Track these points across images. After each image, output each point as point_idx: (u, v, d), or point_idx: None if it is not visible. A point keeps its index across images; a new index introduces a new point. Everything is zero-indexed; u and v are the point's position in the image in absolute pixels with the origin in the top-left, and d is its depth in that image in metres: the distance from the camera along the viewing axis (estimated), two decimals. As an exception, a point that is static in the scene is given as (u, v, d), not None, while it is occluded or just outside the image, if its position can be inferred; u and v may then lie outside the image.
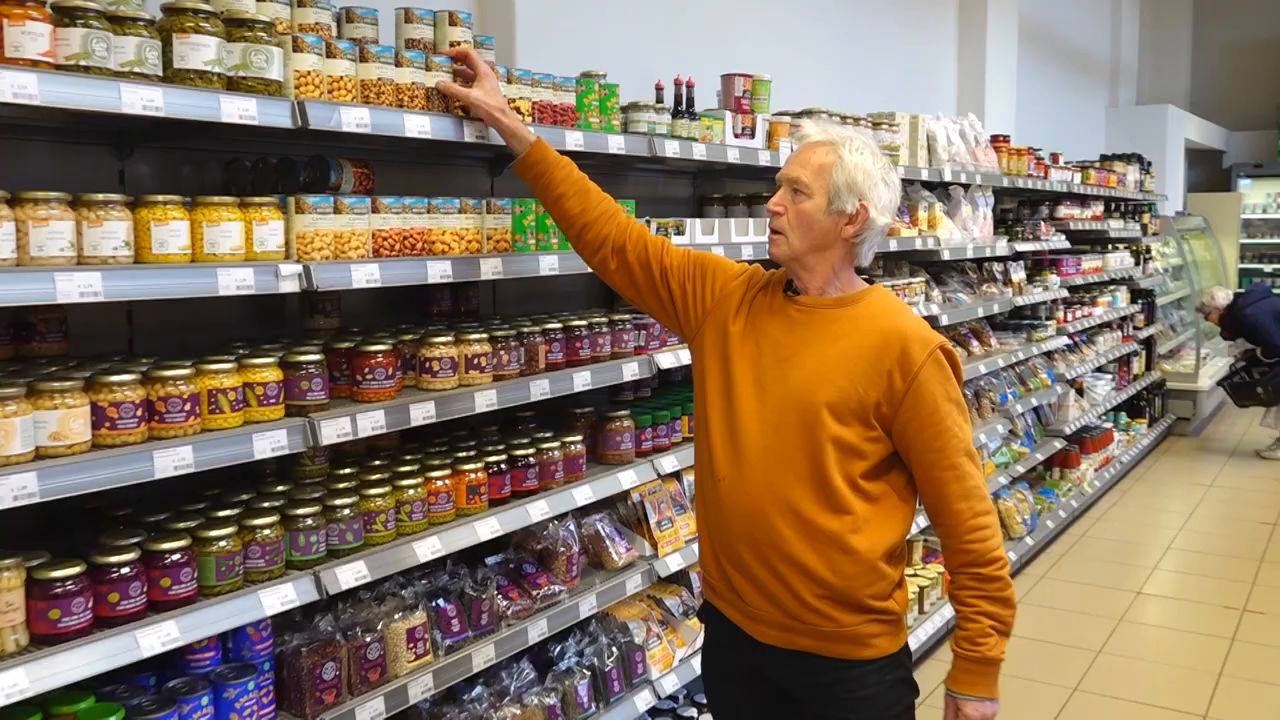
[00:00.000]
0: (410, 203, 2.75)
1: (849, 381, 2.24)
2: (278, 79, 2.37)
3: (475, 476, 2.97)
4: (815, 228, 2.30)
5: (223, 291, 2.23)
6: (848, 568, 2.26)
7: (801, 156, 2.32)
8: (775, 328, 2.37)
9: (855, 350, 2.27)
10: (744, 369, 2.36)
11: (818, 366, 2.28)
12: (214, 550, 2.35)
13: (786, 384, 2.29)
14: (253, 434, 2.33)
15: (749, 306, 2.45)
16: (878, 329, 2.28)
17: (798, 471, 2.26)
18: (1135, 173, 9.85)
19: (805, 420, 2.25)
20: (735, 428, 2.33)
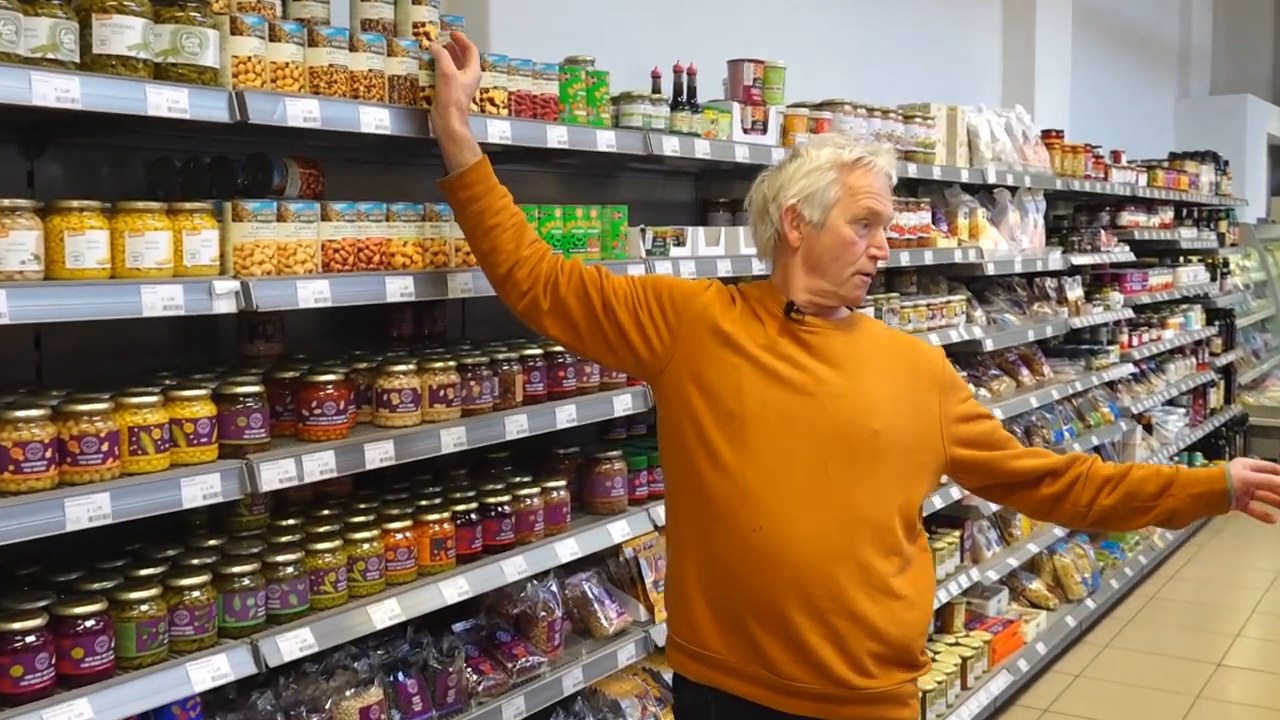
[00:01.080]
0: (366, 209, 2.76)
1: (896, 404, 2.43)
2: (213, 66, 2.39)
3: (441, 529, 2.97)
4: None
5: (147, 312, 2.24)
6: (906, 615, 2.38)
7: (886, 187, 2.52)
8: (792, 353, 2.44)
9: (889, 371, 2.48)
10: (766, 400, 2.40)
11: (860, 392, 2.42)
12: (135, 615, 2.34)
13: (829, 414, 2.38)
14: (181, 479, 2.33)
15: (744, 332, 2.49)
16: (895, 346, 2.56)
17: (854, 511, 2.35)
18: (1210, 173, 9.92)
19: (858, 453, 2.37)
20: (769, 468, 2.36)
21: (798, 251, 2.50)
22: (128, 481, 2.26)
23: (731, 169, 4.48)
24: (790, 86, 4.48)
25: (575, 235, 3.31)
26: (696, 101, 3.89)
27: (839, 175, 2.46)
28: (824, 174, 2.47)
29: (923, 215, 5.16)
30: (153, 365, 2.87)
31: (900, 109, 5.17)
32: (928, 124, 5.22)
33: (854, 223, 2.45)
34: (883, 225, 2.49)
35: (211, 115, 2.35)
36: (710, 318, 2.50)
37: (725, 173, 4.75)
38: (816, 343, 2.46)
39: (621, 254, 3.48)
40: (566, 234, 3.28)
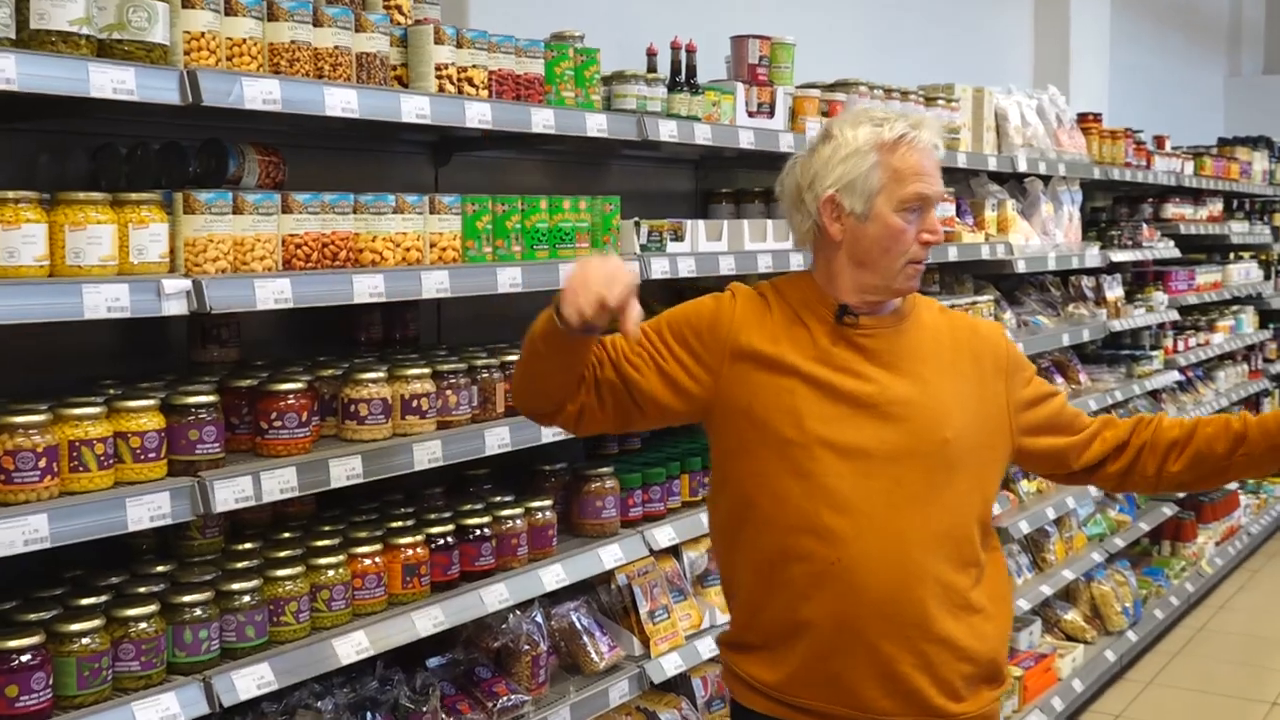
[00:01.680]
0: (332, 200, 2.77)
1: (963, 402, 2.46)
2: (162, 43, 2.40)
3: (414, 553, 2.97)
4: None
5: (89, 314, 2.24)
6: (986, 629, 2.44)
7: (936, 164, 2.48)
8: (849, 361, 2.45)
9: (952, 365, 2.50)
10: (827, 420, 2.40)
11: (927, 396, 2.43)
12: (75, 649, 2.34)
13: (897, 426, 2.40)
14: (126, 499, 2.33)
15: (790, 345, 2.46)
16: (954, 333, 2.55)
17: (933, 528, 2.39)
18: (1263, 161, 9.94)
19: (933, 465, 2.40)
20: (840, 494, 2.37)
21: (841, 246, 2.46)
22: (67, 501, 2.26)
23: (735, 156, 4.48)
24: (800, 65, 4.49)
25: (562, 229, 3.32)
26: (696, 82, 3.90)
27: (880, 158, 2.40)
28: (863, 158, 2.41)
29: (946, 207, 5.17)
30: (95, 373, 2.87)
31: (921, 90, 5.18)
32: (951, 106, 5.24)
33: (902, 210, 2.40)
34: (934, 206, 2.44)
35: (161, 97, 2.36)
36: (745, 343, 2.46)
37: (728, 160, 4.76)
38: (874, 346, 2.46)
39: (613, 249, 3.49)
40: (553, 227, 3.29)
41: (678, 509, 3.81)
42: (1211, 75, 12.91)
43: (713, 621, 3.83)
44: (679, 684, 3.85)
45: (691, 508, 3.86)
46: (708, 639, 3.77)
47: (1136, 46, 10.23)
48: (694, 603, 3.82)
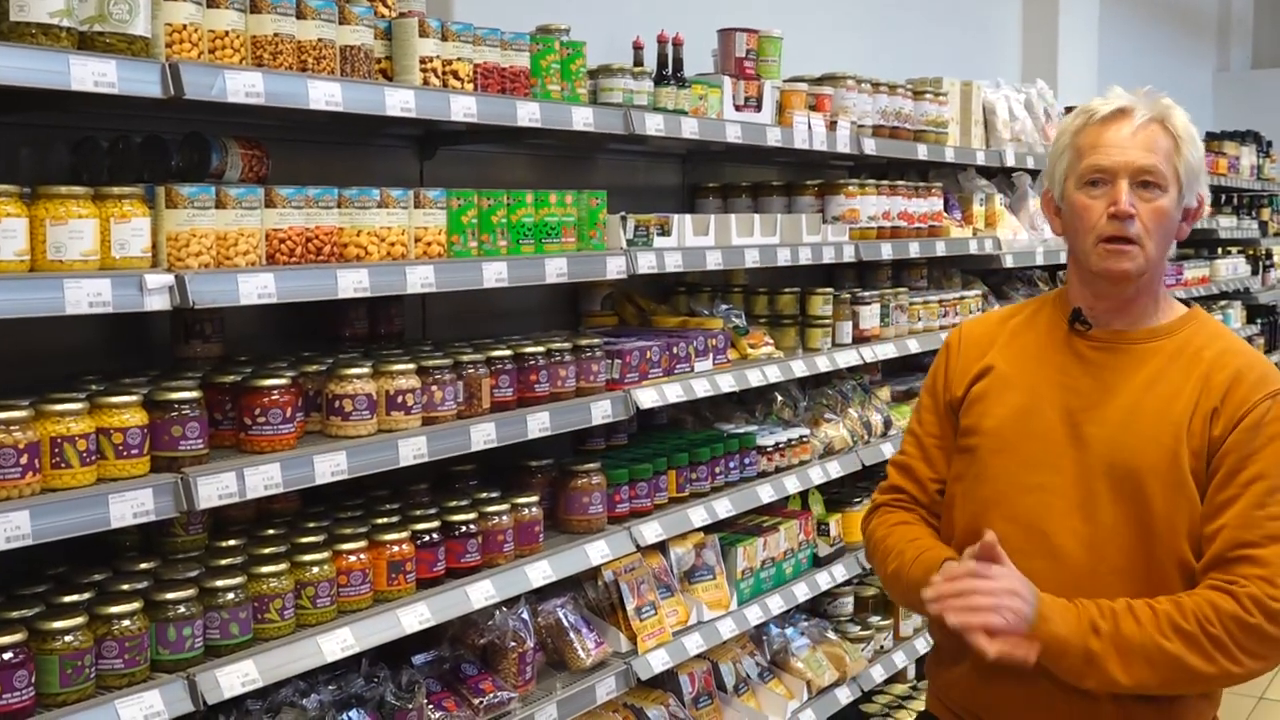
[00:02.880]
0: (315, 194, 2.76)
1: (1175, 436, 2.27)
2: (144, 35, 2.39)
3: (399, 550, 2.97)
4: (1169, 229, 2.34)
5: (71, 310, 2.24)
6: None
7: (1145, 140, 2.32)
8: (1059, 372, 2.40)
9: (1177, 392, 2.30)
10: (1016, 429, 2.38)
11: (1132, 419, 2.31)
12: (57, 647, 2.33)
13: (1091, 446, 2.32)
14: (109, 495, 2.32)
15: (1001, 347, 2.47)
16: (1203, 361, 2.32)
17: (1120, 565, 2.27)
18: (1251, 155, 9.98)
19: (1124, 493, 2.28)
20: (1018, 514, 2.34)
21: (1065, 241, 2.44)
22: (49, 498, 2.26)
23: (722, 150, 4.49)
24: (787, 59, 4.49)
25: (548, 223, 3.32)
26: (683, 75, 3.90)
27: (1071, 141, 2.37)
28: (1061, 146, 2.40)
29: (934, 202, 5.18)
30: (77, 369, 2.86)
31: (909, 84, 5.19)
32: (939, 100, 5.24)
33: (1083, 186, 2.33)
34: (1126, 178, 2.28)
35: (142, 90, 2.35)
36: (957, 399, 2.49)
37: (715, 154, 4.76)
38: (1104, 359, 2.38)
39: (599, 244, 3.49)
40: (539, 222, 3.29)
41: (664, 505, 3.81)
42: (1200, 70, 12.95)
43: (700, 618, 3.83)
44: (666, 680, 3.86)
45: (678, 504, 3.86)
46: (695, 635, 3.78)
47: (1125, 41, 10.26)
48: (681, 599, 3.82)
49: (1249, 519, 2.20)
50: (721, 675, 4.09)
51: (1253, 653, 2.18)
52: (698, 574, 3.96)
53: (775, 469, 4.30)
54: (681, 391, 3.75)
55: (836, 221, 4.63)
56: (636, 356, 3.64)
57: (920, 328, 5.13)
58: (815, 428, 4.58)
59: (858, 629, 4.79)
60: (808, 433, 4.48)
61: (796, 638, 4.48)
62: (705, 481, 3.99)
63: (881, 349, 4.83)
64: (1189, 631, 2.16)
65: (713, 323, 4.20)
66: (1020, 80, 7.73)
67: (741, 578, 4.09)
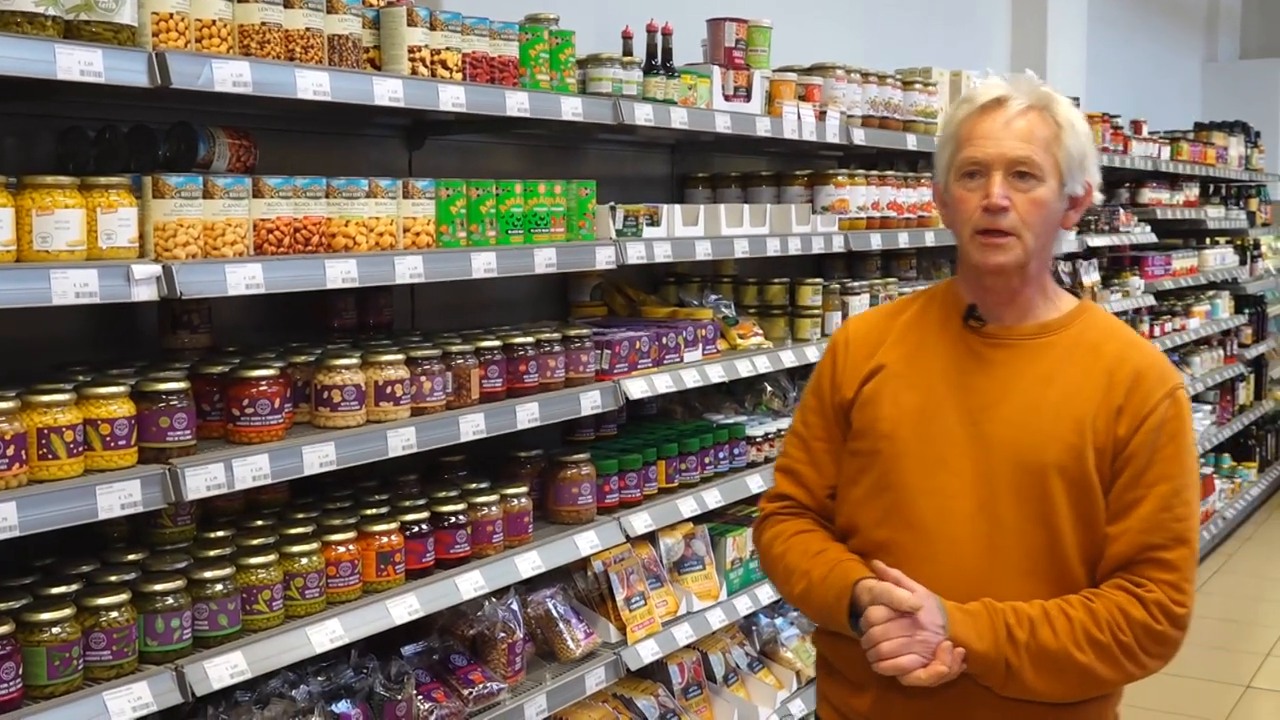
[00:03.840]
0: (303, 184, 2.75)
1: (1079, 432, 2.23)
2: (130, 23, 2.38)
3: (388, 541, 2.97)
4: (1050, 219, 2.29)
5: (58, 300, 2.23)
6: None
7: (1020, 131, 2.26)
8: (955, 370, 2.34)
9: (1078, 389, 2.26)
10: (914, 430, 2.31)
11: (1033, 417, 2.25)
12: (45, 639, 2.33)
13: (991, 445, 2.26)
14: (96, 486, 2.32)
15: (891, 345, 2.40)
16: (1104, 357, 2.29)
17: (1025, 566, 2.23)
18: (1239, 146, 10.00)
19: (1027, 493, 2.23)
20: (918, 520, 2.28)
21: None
22: (36, 489, 2.25)
23: (711, 140, 4.49)
24: (777, 48, 4.49)
25: (537, 213, 3.31)
26: (672, 65, 3.89)
27: (953, 132, 2.33)
28: (944, 139, 2.36)
29: (923, 192, 5.18)
30: (64, 360, 2.85)
31: (899, 74, 5.19)
32: (929, 90, 5.25)
33: (960, 178, 2.29)
34: (1000, 169, 2.23)
35: (129, 79, 2.34)
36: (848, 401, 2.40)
37: (704, 144, 4.76)
38: (1000, 356, 2.32)
39: (589, 235, 3.49)
40: (528, 212, 3.28)
41: (654, 495, 3.82)
42: (1189, 60, 12.97)
43: (689, 608, 3.84)
44: (656, 671, 3.87)
45: (668, 494, 3.87)
46: (684, 625, 3.78)
47: (1114, 31, 10.27)
48: (670, 589, 3.83)
49: (1155, 522, 2.20)
50: (711, 665, 4.10)
51: (1156, 655, 2.21)
52: (687, 564, 3.97)
53: (765, 459, 4.31)
54: (671, 382, 3.75)
55: (826, 212, 4.63)
56: (626, 347, 3.64)
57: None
58: (804, 417, 4.58)
59: (847, 619, 4.80)
60: (797, 423, 4.48)
61: (786, 628, 4.49)
62: (695, 472, 3.99)
63: (871, 339, 4.82)
64: (1102, 642, 2.16)
65: (702, 313, 4.20)
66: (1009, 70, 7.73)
67: (731, 568, 4.10)
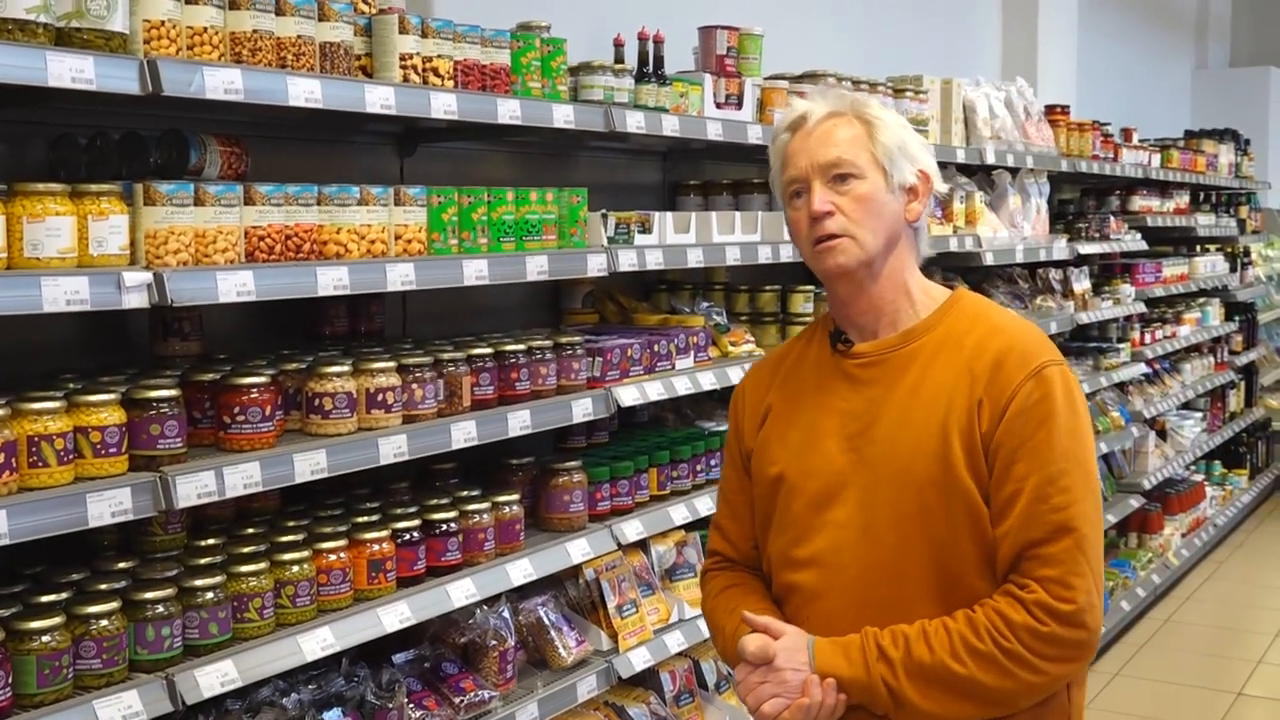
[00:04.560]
0: (295, 192, 2.75)
1: (944, 439, 2.14)
2: (122, 31, 2.38)
3: (379, 548, 2.97)
4: (884, 213, 2.23)
5: (48, 307, 2.23)
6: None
7: (822, 136, 2.24)
8: (830, 395, 2.29)
9: (940, 392, 2.18)
10: (799, 467, 2.28)
11: (903, 431, 2.18)
12: (35, 647, 2.32)
13: (872, 468, 2.20)
14: (87, 494, 2.31)
15: (778, 386, 2.38)
16: (965, 350, 2.20)
17: (919, 589, 2.15)
18: (1229, 153, 10.03)
19: (904, 512, 2.16)
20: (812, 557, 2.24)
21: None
22: (26, 497, 2.25)
23: (703, 148, 4.49)
24: (768, 56, 4.50)
25: (529, 221, 3.31)
26: (664, 73, 3.90)
27: (776, 162, 2.31)
28: (774, 171, 2.32)
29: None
30: (55, 367, 2.85)
31: (890, 81, 5.20)
32: (920, 98, 5.26)
33: (790, 200, 2.27)
34: (817, 179, 2.20)
35: (121, 86, 2.34)
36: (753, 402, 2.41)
37: (696, 152, 4.76)
38: (871, 374, 2.26)
39: (580, 242, 3.49)
40: (519, 219, 3.28)
41: (645, 503, 3.82)
42: (1179, 68, 13.01)
43: (681, 616, 3.83)
44: (648, 678, 3.86)
45: (659, 501, 3.87)
46: (676, 633, 3.78)
47: (1104, 39, 10.30)
48: (662, 597, 3.83)
49: (1031, 515, 2.08)
50: (703, 673, 4.09)
51: (1055, 658, 2.07)
52: (679, 572, 3.97)
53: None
54: (663, 389, 3.75)
55: (817, 219, 4.62)
56: (617, 354, 3.64)
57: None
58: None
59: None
60: (789, 430, 4.48)
61: (777, 635, 4.48)
62: (686, 479, 3.99)
63: (862, 346, 4.83)
64: (982, 650, 2.06)
65: (694, 320, 4.20)
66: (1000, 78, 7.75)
67: (722, 575, 4.09)
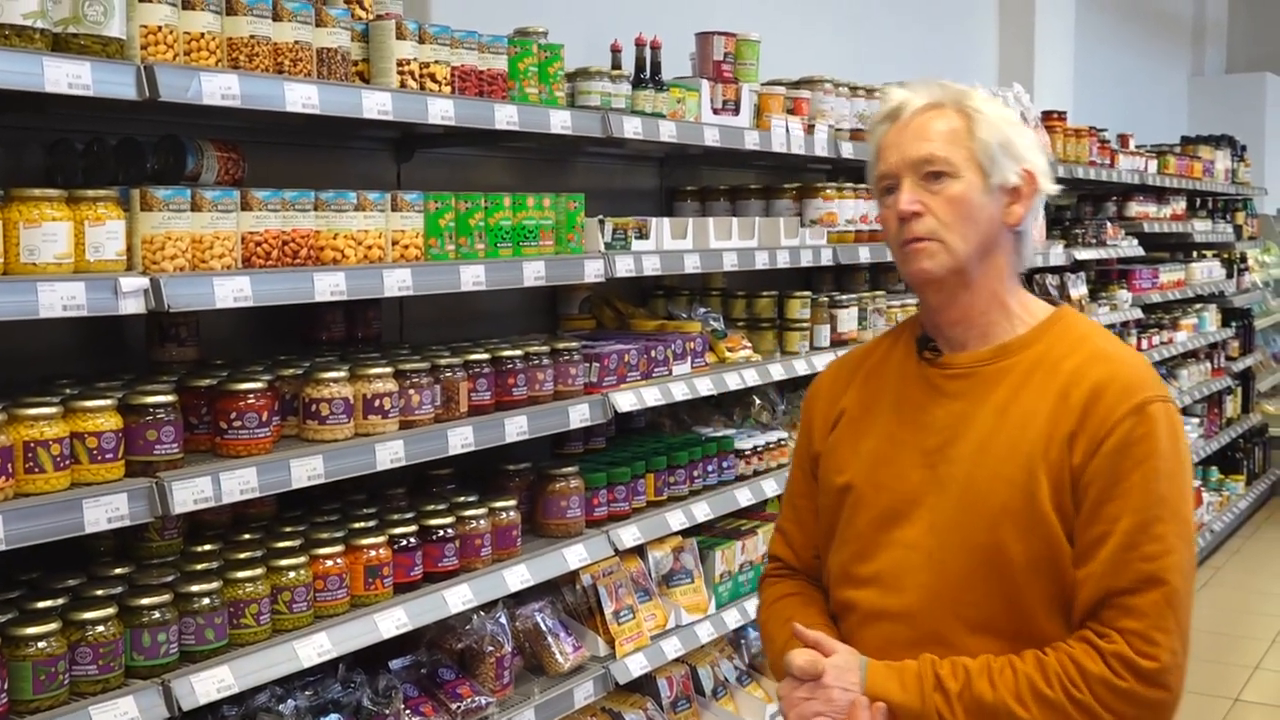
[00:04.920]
0: (292, 197, 2.75)
1: (1029, 469, 2.00)
2: (119, 36, 2.38)
3: (376, 554, 2.97)
4: (979, 216, 2.08)
5: (45, 313, 2.22)
6: None
7: (917, 129, 2.11)
8: (910, 405, 2.16)
9: (1031, 417, 2.03)
10: (869, 479, 2.16)
11: (985, 454, 2.05)
12: (30, 653, 2.32)
13: (946, 489, 2.07)
14: (83, 500, 2.31)
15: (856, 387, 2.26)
16: (1061, 375, 2.05)
17: (979, 623, 2.02)
18: (1226, 159, 10.04)
19: (975, 541, 2.02)
20: (874, 576, 2.11)
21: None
22: (23, 503, 2.24)
23: (700, 153, 4.49)
24: (765, 62, 4.50)
25: (526, 227, 3.31)
26: (661, 78, 3.90)
27: (872, 153, 2.19)
28: (869, 163, 2.21)
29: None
30: (51, 373, 2.85)
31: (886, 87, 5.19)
32: (917, 104, 5.25)
33: (882, 197, 2.15)
34: (908, 175, 2.08)
35: (117, 92, 2.34)
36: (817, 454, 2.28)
37: (693, 158, 4.77)
38: (958, 388, 2.12)
39: (578, 248, 3.49)
40: (516, 225, 3.29)
41: (643, 509, 3.81)
42: (1175, 74, 13.04)
43: (678, 622, 3.83)
44: (644, 684, 3.86)
45: (656, 507, 3.86)
46: (673, 639, 3.78)
47: (1101, 45, 10.32)
48: (659, 603, 3.82)
49: (1120, 561, 1.94)
50: (700, 679, 4.09)
51: (1129, 718, 1.93)
52: (676, 577, 3.96)
53: (753, 472, 4.31)
54: (659, 395, 3.76)
55: (814, 225, 4.64)
56: (614, 360, 3.64)
57: (898, 331, 5.14)
58: (793, 431, 4.59)
59: (836, 632, 4.79)
60: (786, 436, 4.49)
61: (774, 641, 4.48)
62: (683, 485, 3.99)
63: (859, 352, 4.83)
64: (1051, 698, 1.93)
65: (691, 326, 4.20)
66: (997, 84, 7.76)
67: (720, 581, 4.09)
